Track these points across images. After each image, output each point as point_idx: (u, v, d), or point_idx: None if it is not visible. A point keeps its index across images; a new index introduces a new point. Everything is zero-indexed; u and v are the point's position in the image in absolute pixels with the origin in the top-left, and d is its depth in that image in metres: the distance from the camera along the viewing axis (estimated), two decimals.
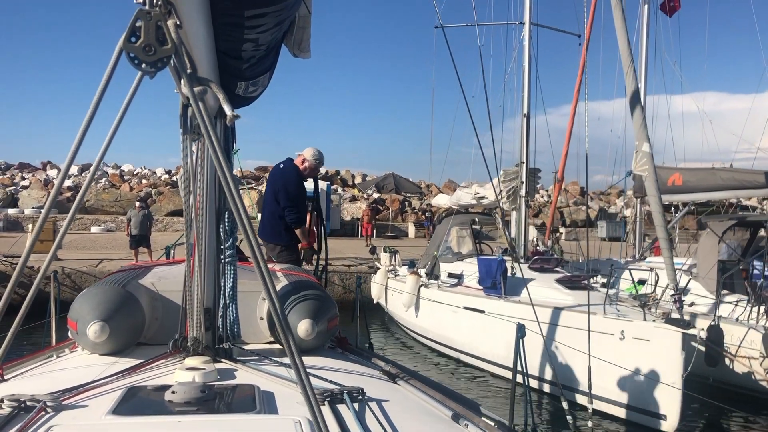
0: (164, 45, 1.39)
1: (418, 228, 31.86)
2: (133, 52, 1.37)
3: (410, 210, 36.41)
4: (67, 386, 2.09)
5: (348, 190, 39.29)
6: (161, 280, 3.21)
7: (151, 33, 1.35)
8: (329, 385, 2.19)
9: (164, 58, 1.41)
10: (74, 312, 2.68)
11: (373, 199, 36.45)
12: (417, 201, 37.43)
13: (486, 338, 10.18)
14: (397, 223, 33.72)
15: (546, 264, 10.80)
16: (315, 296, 2.94)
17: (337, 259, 19.22)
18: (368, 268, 17.12)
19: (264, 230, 6.19)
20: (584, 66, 13.83)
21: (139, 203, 17.18)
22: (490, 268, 10.21)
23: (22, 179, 34.31)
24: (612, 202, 44.70)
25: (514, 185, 11.58)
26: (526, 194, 11.58)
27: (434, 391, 2.46)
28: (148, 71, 1.40)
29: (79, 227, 29.07)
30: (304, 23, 2.88)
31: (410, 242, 27.95)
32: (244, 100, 2.72)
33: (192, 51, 1.77)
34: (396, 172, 31.17)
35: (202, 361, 2.43)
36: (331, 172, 41.45)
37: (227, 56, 2.19)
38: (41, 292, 14.71)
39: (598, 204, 42.24)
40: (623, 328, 8.12)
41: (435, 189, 40.28)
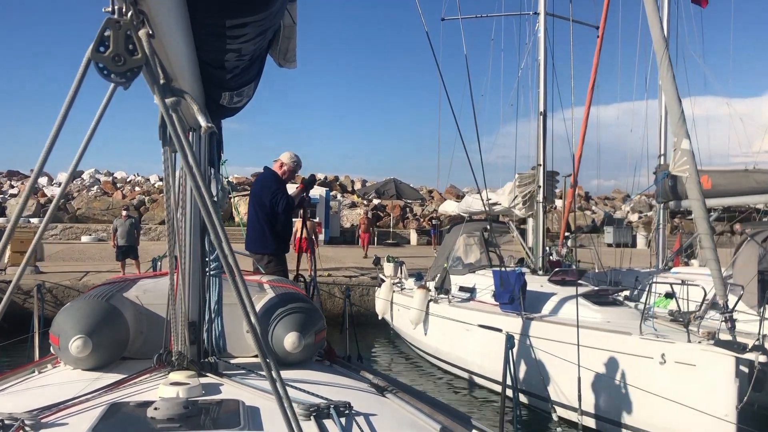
0: (134, 55, 1.32)
1: (421, 235, 30.88)
2: (102, 62, 1.30)
3: (411, 216, 35.49)
4: (47, 403, 2.04)
5: (347, 197, 38.39)
6: (146, 293, 3.15)
7: (120, 43, 1.30)
8: (315, 399, 2.15)
9: (135, 69, 1.32)
10: (56, 326, 2.63)
11: (374, 205, 35.54)
12: (419, 207, 36.50)
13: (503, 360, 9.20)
14: (398, 230, 32.77)
15: (567, 276, 9.82)
16: (302, 309, 2.90)
17: (337, 269, 18.26)
18: (371, 279, 16.16)
19: (250, 240, 6.29)
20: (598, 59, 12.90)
21: (125, 212, 16.17)
22: (508, 282, 9.24)
23: (10, 187, 33.30)
24: (617, 207, 43.87)
25: (530, 190, 10.63)
26: (543, 199, 10.62)
27: (423, 404, 2.43)
28: (118, 82, 1.33)
29: (69, 237, 28.12)
30: (289, 33, 2.85)
31: (413, 250, 27.01)
32: (230, 111, 2.71)
33: (170, 61, 1.73)
34: (397, 178, 30.15)
35: (186, 375, 2.39)
36: (330, 177, 40.57)
37: (210, 66, 2.18)
38: (24, 307, 13.79)
39: (602, 209, 41.35)
40: (664, 351, 7.15)
41: (437, 195, 39.39)
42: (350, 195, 39.18)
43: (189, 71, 2.02)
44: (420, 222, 34.49)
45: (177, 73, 1.84)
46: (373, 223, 27.08)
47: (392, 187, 29.04)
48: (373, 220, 33.90)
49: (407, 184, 30.60)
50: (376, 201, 34.87)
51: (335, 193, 36.70)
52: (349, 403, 2.12)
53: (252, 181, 35.06)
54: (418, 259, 19.33)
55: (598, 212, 40.10)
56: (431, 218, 29.83)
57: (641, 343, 7.35)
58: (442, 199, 38.25)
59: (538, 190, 10.57)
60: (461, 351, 10.19)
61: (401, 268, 13.25)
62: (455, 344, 10.31)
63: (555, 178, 11.04)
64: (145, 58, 1.33)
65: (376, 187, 30.61)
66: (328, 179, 40.05)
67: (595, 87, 12.35)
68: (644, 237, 35.02)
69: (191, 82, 2.08)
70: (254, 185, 6.60)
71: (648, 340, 7.34)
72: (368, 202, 35.74)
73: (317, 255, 17.51)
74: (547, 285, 9.72)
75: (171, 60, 1.74)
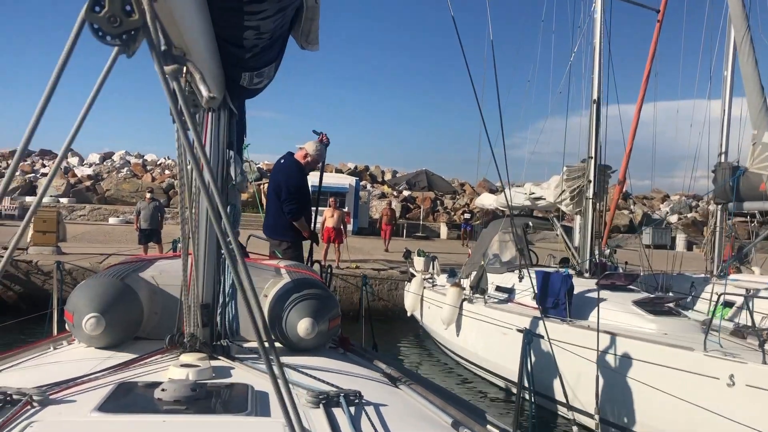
0: (131, 16, 1.24)
1: (452, 229, 30.02)
2: (97, 23, 1.22)
3: (442, 209, 34.65)
4: (57, 380, 2.03)
5: (377, 187, 37.70)
6: (162, 273, 3.13)
7: (117, 3, 1.22)
8: (326, 387, 2.11)
9: (131, 31, 1.25)
10: (71, 304, 2.62)
11: (404, 196, 34.79)
12: (450, 200, 35.64)
13: (543, 368, 8.43)
14: (428, 222, 31.97)
15: (618, 280, 8.97)
16: (317, 295, 2.86)
17: (364, 261, 17.58)
18: (400, 273, 15.43)
19: (268, 226, 6.23)
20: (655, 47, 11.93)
21: (149, 194, 15.66)
22: (553, 285, 8.44)
23: (42, 166, 33.30)
24: (656, 207, 42.41)
25: (579, 185, 9.77)
26: (594, 196, 9.75)
27: (436, 396, 2.38)
28: (113, 44, 1.25)
29: (96, 218, 27.96)
30: (312, 14, 2.79)
31: (442, 244, 26.19)
32: (250, 92, 2.69)
33: (181, 32, 1.65)
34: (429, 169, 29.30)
35: (197, 357, 2.36)
36: (360, 167, 39.91)
37: (228, 44, 2.16)
38: (42, 288, 13.41)
39: (641, 209, 39.97)
40: (733, 372, 6.31)
41: (469, 188, 38.47)
42: (380, 185, 38.49)
43: (205, 47, 1.98)
44: (451, 215, 33.63)
45: (191, 47, 1.77)
46: (395, 215, 25.39)
47: (424, 178, 28.24)
48: (402, 211, 33.25)
49: (439, 176, 29.74)
50: (406, 192, 34.11)
51: (365, 183, 36.03)
52: (359, 392, 2.07)
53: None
54: (449, 254, 18.54)
55: (637, 212, 38.74)
56: (463, 212, 28.83)
57: (706, 361, 6.52)
58: (474, 192, 37.33)
59: (588, 185, 9.71)
60: (496, 356, 9.43)
61: (434, 264, 12.48)
62: (490, 348, 9.56)
63: (607, 173, 10.17)
64: (142, 21, 1.26)
65: (407, 178, 29.82)
66: (358, 169, 39.40)
67: (650, 77, 11.41)
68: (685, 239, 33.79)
69: (208, 59, 2.04)
70: (275, 171, 6.44)
71: (714, 358, 6.50)
72: (398, 193, 35.00)
73: (345, 245, 16.98)
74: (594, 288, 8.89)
75: (182, 31, 1.67)
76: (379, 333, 13.31)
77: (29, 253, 14.38)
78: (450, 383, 10.29)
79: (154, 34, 1.28)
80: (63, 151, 1.37)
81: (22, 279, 13.59)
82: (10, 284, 13.43)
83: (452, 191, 33.71)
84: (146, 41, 1.29)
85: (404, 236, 28.57)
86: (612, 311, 8.21)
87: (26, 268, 13.68)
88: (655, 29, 12.16)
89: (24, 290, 13.51)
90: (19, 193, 28.28)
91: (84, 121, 1.34)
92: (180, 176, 2.25)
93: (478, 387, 9.92)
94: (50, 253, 14.42)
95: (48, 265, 13.74)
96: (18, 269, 13.53)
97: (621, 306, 8.24)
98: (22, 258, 13.87)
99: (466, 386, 10.11)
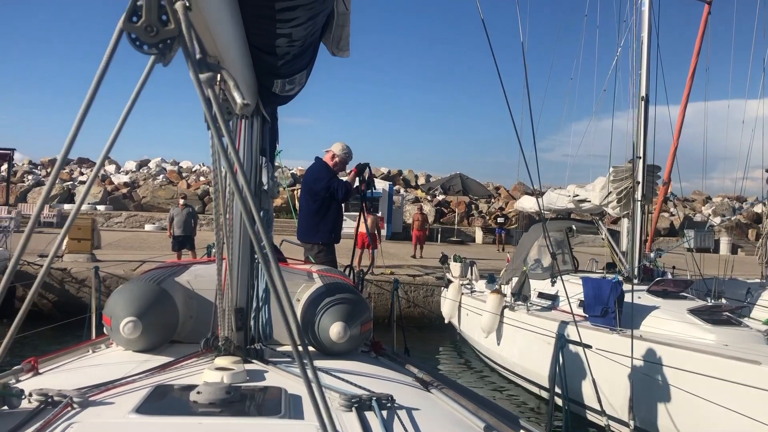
0: (167, 26, 1.26)
1: (487, 233, 29.47)
2: (134, 33, 1.25)
3: (477, 214, 34.12)
4: (96, 382, 2.08)
5: (411, 191, 37.35)
6: (197, 278, 3.19)
7: (153, 13, 1.25)
8: (358, 391, 2.11)
9: (167, 40, 1.27)
10: (109, 308, 2.67)
11: (438, 201, 34.35)
12: (485, 204, 35.09)
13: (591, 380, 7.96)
14: (462, 227, 31.49)
15: (670, 287, 8.45)
16: (349, 299, 2.86)
17: (399, 267, 17.23)
18: (436, 279, 15.04)
19: (301, 230, 6.40)
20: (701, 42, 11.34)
21: (182, 200, 15.57)
22: (601, 292, 7.97)
23: (80, 174, 33.78)
24: (697, 209, 41.15)
25: (626, 186, 9.27)
26: (642, 197, 9.24)
27: (468, 400, 2.34)
28: (151, 53, 1.28)
29: (133, 224, 28.19)
30: (342, 21, 2.82)
31: (478, 249, 25.70)
32: (282, 99, 2.73)
33: (215, 41, 1.71)
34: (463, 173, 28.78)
35: (232, 361, 2.39)
36: (394, 172, 39.64)
37: (261, 51, 2.19)
38: (77, 296, 13.38)
39: (682, 211, 38.82)
40: None
41: (504, 191, 37.85)
42: (413, 190, 38.14)
43: (239, 55, 2.02)
44: (486, 220, 33.08)
45: (224, 55, 1.82)
46: (427, 221, 24.13)
47: (458, 182, 27.74)
48: (436, 216, 32.81)
49: (474, 180, 29.21)
50: (440, 197, 33.69)
51: (398, 187, 35.71)
52: (391, 396, 2.07)
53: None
54: (486, 260, 18.09)
55: (677, 214, 37.63)
56: (497, 216, 28.21)
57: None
58: (509, 196, 36.71)
59: (636, 187, 9.20)
60: (539, 366, 8.97)
61: (472, 269, 12.06)
62: (533, 358, 9.11)
63: (657, 174, 9.64)
64: (178, 30, 1.27)
65: (441, 182, 29.38)
66: (391, 173, 39.12)
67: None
68: (729, 242, 32.66)
69: (241, 67, 2.09)
70: (306, 175, 6.66)
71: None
72: (432, 198, 34.59)
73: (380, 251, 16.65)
74: (645, 296, 8.38)
75: (216, 40, 1.72)
76: (415, 340, 13.00)
77: (64, 260, 14.40)
78: (490, 392, 9.87)
79: (189, 43, 1.28)
80: (101, 160, 1.39)
81: (57, 287, 13.59)
82: (45, 292, 13.43)
83: (487, 195, 33.14)
84: (182, 50, 1.30)
85: (438, 241, 28.14)
86: (666, 320, 7.72)
87: (61, 276, 13.68)
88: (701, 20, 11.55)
89: (59, 298, 13.50)
90: (58, 200, 28.68)
91: (121, 130, 1.35)
92: (214, 182, 2.29)
93: (521, 397, 9.49)
94: (85, 260, 14.42)
95: (82, 273, 13.74)
96: (52, 277, 13.54)
97: (675, 315, 7.73)
98: (57, 266, 13.88)
99: (505, 395, 9.69)
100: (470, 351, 11.99)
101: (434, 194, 33.13)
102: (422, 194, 36.37)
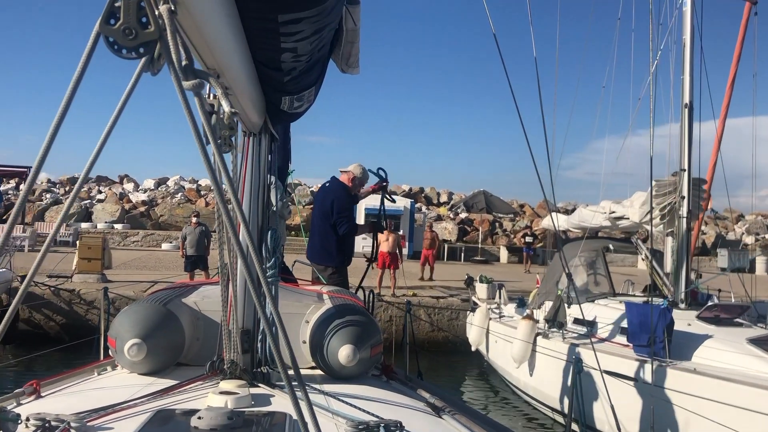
0: (147, 28, 1.21)
1: (512, 253, 28.53)
2: (112, 36, 1.20)
3: (501, 232, 33.23)
4: (97, 406, 2.06)
5: (433, 209, 36.59)
6: (204, 299, 3.12)
7: (132, 14, 1.19)
8: (366, 417, 2.08)
9: (148, 44, 1.22)
10: (114, 329, 2.66)
11: (460, 219, 33.55)
12: (509, 222, 34.20)
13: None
14: (486, 246, 30.60)
15: (723, 313, 7.61)
16: (359, 321, 2.82)
17: (421, 288, 16.46)
18: (461, 302, 14.24)
19: (313, 251, 6.21)
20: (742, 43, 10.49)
21: (195, 218, 15.01)
22: (647, 319, 7.15)
23: (98, 192, 33.58)
24: (729, 228, 39.77)
25: (670, 201, 8.47)
26: (688, 213, 8.43)
27: (481, 426, 2.32)
28: (129, 57, 1.22)
29: (150, 243, 27.78)
30: (351, 38, 2.78)
31: (503, 269, 24.80)
32: (291, 116, 2.72)
33: (213, 51, 1.66)
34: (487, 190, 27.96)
35: (237, 385, 2.38)
36: (415, 189, 38.93)
37: (266, 67, 2.16)
38: (85, 318, 12.82)
39: (713, 229, 37.53)
40: None
41: (528, 209, 36.93)
42: (435, 207, 37.38)
43: (242, 70, 2.00)
44: (510, 238, 32.16)
45: (225, 69, 1.79)
46: (437, 239, 21.61)
47: (482, 199, 26.95)
48: (459, 234, 31.99)
49: (498, 197, 28.40)
50: (463, 215, 32.88)
51: (420, 205, 34.98)
52: (400, 422, 1.99)
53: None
54: (513, 281, 17.23)
55: (708, 233, 36.36)
56: (524, 234, 27.24)
57: None
58: (534, 213, 35.77)
59: (681, 202, 8.39)
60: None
61: (500, 292, 11.26)
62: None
63: (702, 188, 8.83)
64: (158, 33, 1.21)
65: (465, 200, 28.60)
66: (413, 191, 38.42)
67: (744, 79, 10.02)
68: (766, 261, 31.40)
69: (246, 82, 2.08)
70: (322, 195, 6.46)
71: None
72: (455, 215, 33.80)
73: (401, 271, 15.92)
74: (696, 323, 7.55)
75: (214, 51, 1.67)
76: (438, 367, 12.20)
77: (73, 281, 13.88)
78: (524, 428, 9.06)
79: (173, 47, 1.23)
80: (85, 172, 1.38)
81: (65, 309, 13.04)
82: (52, 314, 12.90)
83: (512, 212, 32.24)
84: (164, 53, 1.25)
85: (462, 260, 27.30)
86: (722, 351, 6.87)
87: (69, 297, 13.14)
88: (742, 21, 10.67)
89: (66, 320, 12.95)
90: (75, 219, 28.40)
91: (108, 138, 1.33)
92: (217, 203, 2.19)
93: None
94: (95, 281, 13.88)
95: (92, 294, 13.21)
96: (60, 298, 13.01)
97: (733, 345, 6.89)
98: (65, 287, 13.37)
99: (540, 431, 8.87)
100: (499, 380, 11.16)
101: (457, 212, 32.34)
102: (445, 212, 35.59)
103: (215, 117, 1.73)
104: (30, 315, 12.86)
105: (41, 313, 12.95)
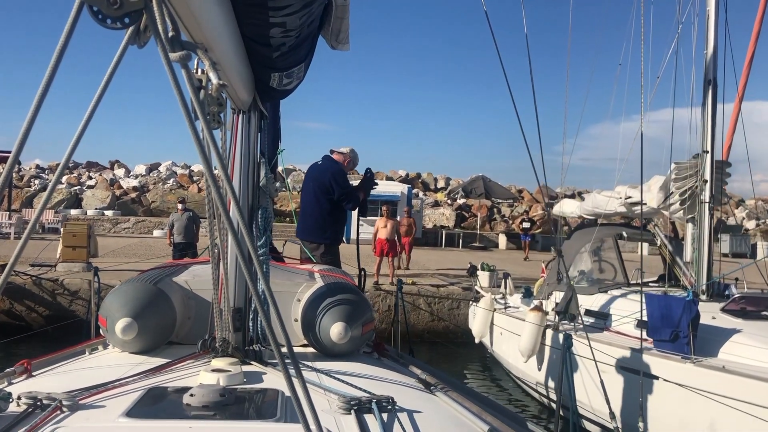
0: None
1: (511, 239, 27.99)
2: (96, 5, 1.17)
3: (500, 218, 32.68)
4: (89, 384, 2.05)
5: (430, 195, 36.01)
6: (195, 278, 3.13)
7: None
8: (358, 393, 2.08)
9: (132, 13, 1.19)
10: (104, 308, 2.67)
11: (458, 204, 32.99)
12: (507, 208, 33.65)
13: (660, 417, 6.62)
14: (485, 232, 30.05)
15: (751, 305, 7.07)
16: (350, 299, 2.84)
17: (419, 276, 15.90)
18: (462, 290, 13.69)
19: (305, 229, 6.23)
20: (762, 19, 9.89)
21: (181, 205, 14.38)
22: (671, 311, 6.61)
23: (88, 178, 32.87)
24: (730, 213, 39.35)
25: (691, 185, 7.90)
26: (710, 198, 7.86)
27: (472, 402, 2.30)
28: (114, 27, 1.19)
29: (141, 230, 27.14)
30: (341, 13, 2.77)
31: (502, 255, 24.27)
32: (280, 93, 2.73)
33: (200, 24, 1.63)
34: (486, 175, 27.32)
35: (229, 362, 2.38)
36: (412, 175, 38.34)
37: (255, 42, 2.16)
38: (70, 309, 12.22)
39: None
40: None
41: (527, 195, 36.40)
42: (433, 193, 36.80)
43: (231, 45, 2.00)
44: (509, 224, 31.62)
45: (214, 44, 1.77)
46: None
47: (481, 184, 26.34)
48: (457, 220, 31.43)
49: (497, 182, 27.78)
50: (461, 200, 32.30)
51: (417, 191, 34.39)
52: (392, 398, 2.02)
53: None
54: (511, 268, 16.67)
55: None
56: (522, 221, 26.66)
57: None
58: (532, 199, 35.23)
59: (703, 186, 7.82)
60: (592, 398, 7.62)
61: (506, 282, 10.70)
62: (583, 388, 7.74)
63: (726, 171, 8.26)
64: (143, 2, 1.19)
65: (463, 185, 28.00)
66: (410, 176, 37.81)
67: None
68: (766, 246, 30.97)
69: (234, 58, 2.09)
70: (316, 172, 6.36)
71: None
72: (452, 201, 33.22)
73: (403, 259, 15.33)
74: (721, 317, 7.01)
75: (201, 24, 1.64)
76: (440, 359, 11.66)
77: (57, 270, 13.27)
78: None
79: (159, 17, 1.21)
80: (68, 155, 1.35)
81: (47, 300, 12.43)
82: (34, 305, 12.28)
83: (511, 198, 31.66)
84: (149, 23, 1.23)
85: (460, 246, 26.75)
86: (752, 347, 6.34)
87: (52, 287, 12.52)
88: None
89: (50, 311, 12.33)
90: (65, 206, 27.72)
91: (94, 113, 1.28)
92: (206, 178, 2.09)
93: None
94: (80, 269, 13.26)
95: (76, 284, 12.61)
96: (42, 289, 12.39)
97: (763, 340, 6.36)
98: (48, 276, 12.75)
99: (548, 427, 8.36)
100: (501, 372, 10.64)
101: (455, 197, 31.76)
102: (442, 197, 35.00)
103: (203, 92, 1.66)
104: (11, 306, 12.27)
105: (23, 303, 12.34)
